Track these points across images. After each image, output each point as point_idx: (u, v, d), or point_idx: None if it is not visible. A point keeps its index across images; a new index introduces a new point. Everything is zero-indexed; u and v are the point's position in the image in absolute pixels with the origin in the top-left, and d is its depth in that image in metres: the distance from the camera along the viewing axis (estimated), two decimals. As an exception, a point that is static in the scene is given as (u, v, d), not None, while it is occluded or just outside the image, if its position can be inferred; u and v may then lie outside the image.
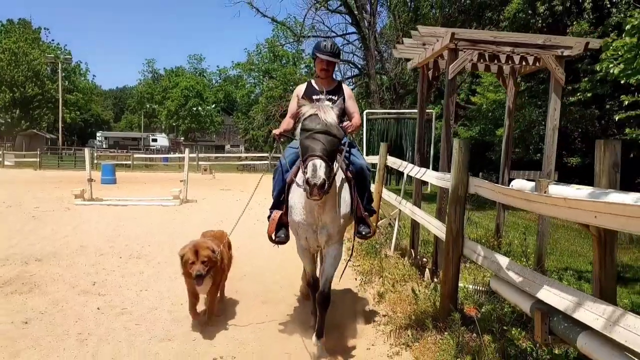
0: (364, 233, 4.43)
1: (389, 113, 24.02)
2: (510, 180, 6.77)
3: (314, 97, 4.69)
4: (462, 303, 4.78)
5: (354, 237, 4.56)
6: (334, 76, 5.05)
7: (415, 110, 8.00)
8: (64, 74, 60.16)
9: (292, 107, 4.94)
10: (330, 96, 4.68)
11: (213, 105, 73.30)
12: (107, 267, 6.83)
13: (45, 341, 4.25)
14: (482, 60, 6.42)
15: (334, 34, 40.70)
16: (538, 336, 3.07)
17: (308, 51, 49.99)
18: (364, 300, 5.60)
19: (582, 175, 23.07)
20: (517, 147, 18.46)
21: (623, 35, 6.11)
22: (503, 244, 7.17)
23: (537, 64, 6.21)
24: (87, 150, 16.48)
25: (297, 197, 4.11)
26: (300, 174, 3.95)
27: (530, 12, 14.66)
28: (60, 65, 48.63)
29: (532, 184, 3.78)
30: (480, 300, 4.98)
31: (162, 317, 4.93)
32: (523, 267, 3.49)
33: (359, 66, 40.57)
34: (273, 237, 4.51)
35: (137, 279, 6.29)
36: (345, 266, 4.95)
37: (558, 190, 3.27)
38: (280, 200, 4.48)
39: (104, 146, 65.33)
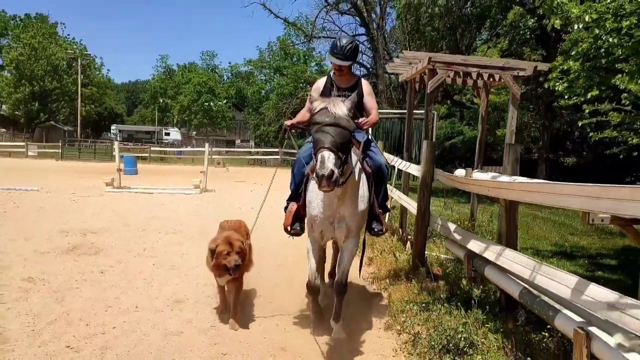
0: (376, 230, 4.59)
1: (394, 113, 25.35)
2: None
3: (332, 92, 4.84)
4: (431, 264, 6.31)
5: (365, 233, 4.69)
6: (352, 72, 5.09)
7: (421, 111, 9.43)
8: (81, 68, 62.22)
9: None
10: (346, 92, 4.74)
11: (225, 101, 74.77)
12: (151, 239, 8.40)
13: (121, 283, 5.83)
14: (458, 77, 7.92)
15: (345, 34, 42.14)
16: (467, 273, 4.62)
17: (319, 50, 51.33)
18: (356, 263, 7.15)
19: (577, 174, 24.52)
20: (502, 146, 19.88)
21: (570, 60, 7.58)
22: (475, 226, 8.71)
23: (501, 81, 7.71)
24: (116, 144, 18.07)
25: (315, 190, 4.09)
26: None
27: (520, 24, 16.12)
28: (79, 60, 50.37)
29: (462, 171, 5.32)
30: (446, 264, 6.52)
31: (203, 271, 6.47)
32: (462, 230, 5.05)
33: (368, 66, 42.05)
34: (289, 229, 4.66)
35: (178, 247, 7.85)
36: (361, 260, 5.17)
37: (476, 175, 4.81)
38: (298, 193, 4.62)
39: (118, 139, 67.09)
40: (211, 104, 71.69)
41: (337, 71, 4.85)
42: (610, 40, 7.18)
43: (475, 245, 4.43)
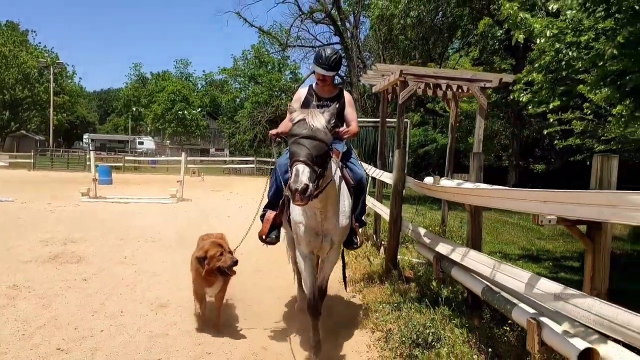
0: (354, 242, 4.62)
1: (368, 121, 25.72)
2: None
3: (314, 103, 4.81)
4: (404, 268, 6.63)
5: (344, 247, 4.71)
6: (334, 82, 5.08)
7: (394, 119, 9.73)
8: (48, 76, 61.46)
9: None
10: (327, 102, 4.69)
11: (199, 110, 74.57)
12: (130, 247, 8.55)
13: (105, 289, 6.00)
14: (428, 88, 8.29)
15: (319, 42, 42.70)
16: (436, 274, 4.94)
17: (293, 58, 51.65)
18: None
19: (546, 181, 25.28)
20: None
21: (534, 72, 8.02)
22: (446, 231, 9.07)
23: (469, 92, 8.11)
24: (92, 154, 18.08)
25: None
26: None
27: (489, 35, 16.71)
28: (52, 69, 49.81)
29: (431, 179, 5.66)
30: (417, 268, 6.84)
31: (184, 277, 6.67)
32: (431, 234, 5.38)
33: (342, 74, 42.54)
34: (264, 237, 4.65)
35: (158, 255, 8.02)
36: (344, 274, 5.32)
37: (443, 182, 5.14)
38: (277, 201, 4.61)
39: (90, 148, 66.35)
40: (185, 112, 71.45)
41: (321, 81, 4.84)
42: (570, 53, 7.63)
43: (443, 248, 4.75)
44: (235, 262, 4.33)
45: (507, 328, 3.92)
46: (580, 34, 7.49)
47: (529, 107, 8.49)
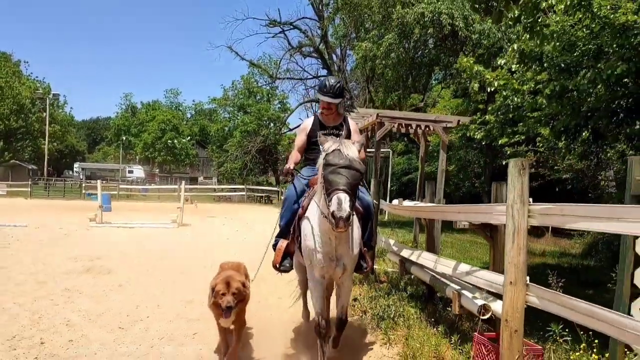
0: (363, 267, 4.68)
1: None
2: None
3: (320, 132, 4.74)
4: (379, 274, 8.18)
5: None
6: (339, 112, 5.15)
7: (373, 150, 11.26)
8: (43, 106, 62.82)
9: (299, 141, 5.23)
10: (333, 130, 4.95)
11: (188, 138, 75.98)
12: (149, 263, 9.98)
13: (139, 291, 7.46)
14: (401, 127, 9.94)
15: (307, 74, 44.71)
16: (400, 272, 6.51)
17: (282, 89, 53.32)
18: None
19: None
20: (455, 180, 22.39)
21: (487, 114, 9.77)
22: (418, 247, 10.66)
23: (434, 130, 9.77)
24: (99, 182, 19.51)
25: (311, 226, 4.26)
26: (312, 204, 4.33)
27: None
28: (47, 100, 51.29)
29: (397, 201, 7.26)
30: (390, 274, 8.39)
31: (199, 282, 8.13)
32: (398, 243, 6.96)
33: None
34: (278, 266, 4.80)
35: (174, 268, 9.48)
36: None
37: (405, 203, 6.74)
38: (288, 230, 4.75)
39: (81, 177, 67.32)
40: (175, 141, 72.84)
41: (326, 110, 5.03)
42: (516, 99, 9.38)
43: (405, 252, 6.33)
44: (228, 308, 4.25)
45: (449, 309, 5.48)
46: (523, 84, 9.24)
47: (483, 143, 10.20)
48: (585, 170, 11.15)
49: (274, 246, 4.96)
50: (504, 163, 13.04)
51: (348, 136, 4.97)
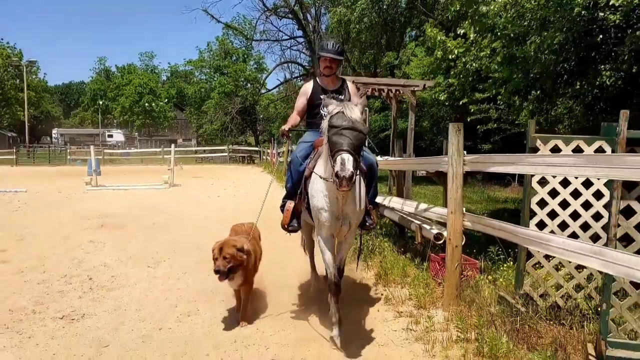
0: (368, 224, 4.81)
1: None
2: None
3: (321, 96, 5.01)
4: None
5: (360, 228, 4.93)
6: (338, 74, 5.29)
7: None
8: (16, 72, 62.20)
9: (299, 104, 5.35)
10: (334, 94, 5.00)
11: (166, 101, 75.79)
12: (153, 218, 11.11)
13: (152, 241, 8.68)
14: (374, 91, 11.16)
15: (284, 35, 45.22)
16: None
17: (258, 49, 53.51)
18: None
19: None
20: (429, 136, 23.82)
21: (450, 78, 11.02)
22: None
23: (403, 93, 11.02)
24: (92, 148, 20.45)
25: (318, 187, 4.37)
26: (319, 165, 4.42)
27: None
28: (25, 68, 51.01)
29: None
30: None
31: (201, 232, 9.37)
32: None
33: (307, 66, 45.20)
34: (287, 227, 4.92)
35: (177, 221, 10.70)
36: (359, 255, 5.68)
37: (378, 158, 8.02)
38: (295, 191, 4.86)
39: (60, 143, 67.27)
40: (153, 104, 72.67)
41: (328, 69, 5.12)
42: (474, 65, 10.62)
43: (379, 199, 7.65)
44: (217, 272, 4.41)
45: (416, 243, 6.85)
46: (480, 51, 10.46)
47: (445, 104, 11.46)
48: (543, 124, 12.59)
49: (282, 207, 5.07)
50: (468, 120, 14.46)
51: (349, 99, 5.00)
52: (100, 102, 76.98)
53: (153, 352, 4.18)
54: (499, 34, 9.68)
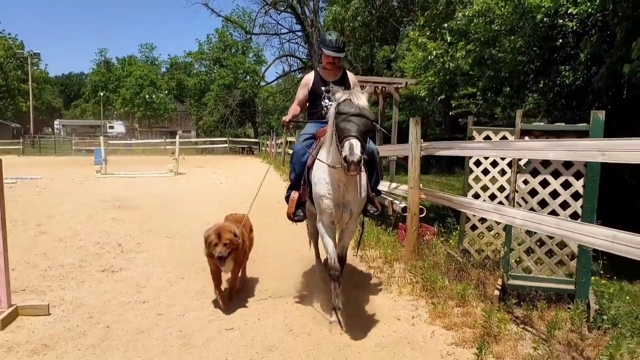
0: (371, 212, 4.87)
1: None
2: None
3: (322, 87, 5.15)
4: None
5: (363, 215, 5.01)
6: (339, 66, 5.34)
7: None
8: (18, 63, 63.36)
9: (300, 95, 5.41)
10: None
11: (166, 92, 76.66)
12: (164, 202, 12.37)
13: (165, 219, 9.96)
14: (362, 87, 12.39)
15: (283, 28, 46.26)
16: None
17: (257, 41, 54.46)
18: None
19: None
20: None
21: (430, 76, 12.26)
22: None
23: (388, 90, 12.27)
24: (102, 138, 21.69)
25: (320, 175, 4.43)
26: (321, 153, 4.48)
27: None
28: (29, 59, 52.14)
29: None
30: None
31: (208, 212, 10.63)
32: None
33: (304, 58, 46.32)
34: (292, 216, 4.96)
35: (186, 203, 11.98)
36: (360, 241, 6.25)
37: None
38: (299, 182, 4.92)
39: (62, 134, 68.33)
40: (153, 96, 73.54)
41: (330, 64, 5.19)
42: (451, 65, 11.88)
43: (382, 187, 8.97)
44: (220, 258, 4.51)
45: (389, 215, 8.14)
46: (457, 52, 11.71)
47: (426, 100, 12.73)
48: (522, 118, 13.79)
49: (287, 198, 5.11)
50: (450, 114, 15.75)
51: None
52: (102, 94, 77.94)
53: (179, 292, 5.49)
54: (470, 37, 10.95)
